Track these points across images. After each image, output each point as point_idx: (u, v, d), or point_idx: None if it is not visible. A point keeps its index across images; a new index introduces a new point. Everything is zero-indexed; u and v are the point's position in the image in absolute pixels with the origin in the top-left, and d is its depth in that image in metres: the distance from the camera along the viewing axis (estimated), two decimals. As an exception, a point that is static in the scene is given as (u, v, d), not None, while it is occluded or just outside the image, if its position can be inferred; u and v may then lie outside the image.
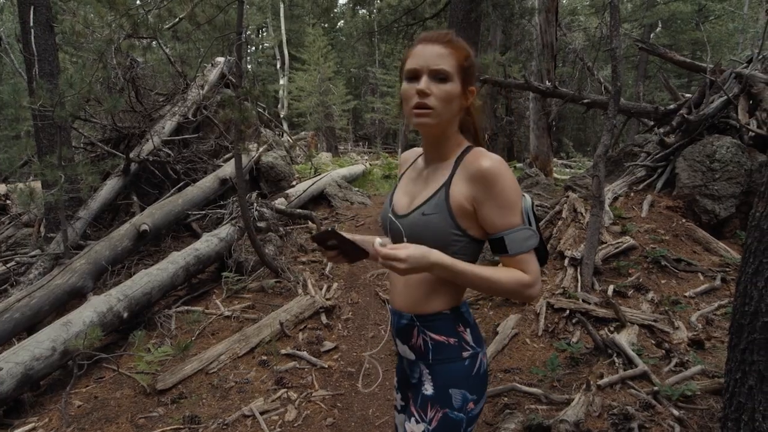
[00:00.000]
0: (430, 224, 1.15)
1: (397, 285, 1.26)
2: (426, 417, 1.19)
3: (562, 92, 7.76)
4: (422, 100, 1.12)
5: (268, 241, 5.42)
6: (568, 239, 4.54)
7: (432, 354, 1.21)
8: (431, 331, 1.21)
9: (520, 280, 1.11)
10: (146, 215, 5.09)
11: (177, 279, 4.38)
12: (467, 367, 1.19)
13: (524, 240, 1.11)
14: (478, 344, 1.23)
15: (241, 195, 4.21)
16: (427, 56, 1.13)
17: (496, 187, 1.10)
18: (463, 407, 1.18)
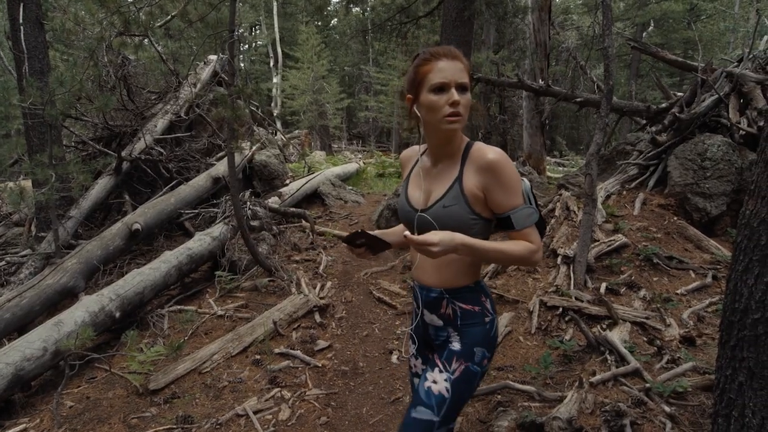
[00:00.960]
0: (452, 213, 1.38)
1: (426, 266, 1.50)
2: (450, 368, 1.43)
3: (555, 91, 7.78)
4: (456, 109, 1.35)
5: (261, 240, 5.40)
6: (561, 237, 4.56)
7: (460, 320, 1.47)
8: (460, 302, 1.46)
9: (528, 248, 1.35)
10: (138, 214, 5.06)
11: (170, 278, 4.36)
12: (488, 329, 1.46)
13: (527, 216, 1.36)
14: (494, 311, 1.50)
15: (233, 194, 4.19)
16: (453, 71, 1.35)
17: (502, 175, 1.34)
18: (481, 362, 1.45)
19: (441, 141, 1.44)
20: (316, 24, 30.47)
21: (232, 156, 4.10)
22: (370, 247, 1.43)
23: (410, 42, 15.36)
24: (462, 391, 1.42)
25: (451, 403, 1.40)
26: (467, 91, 1.37)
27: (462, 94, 1.36)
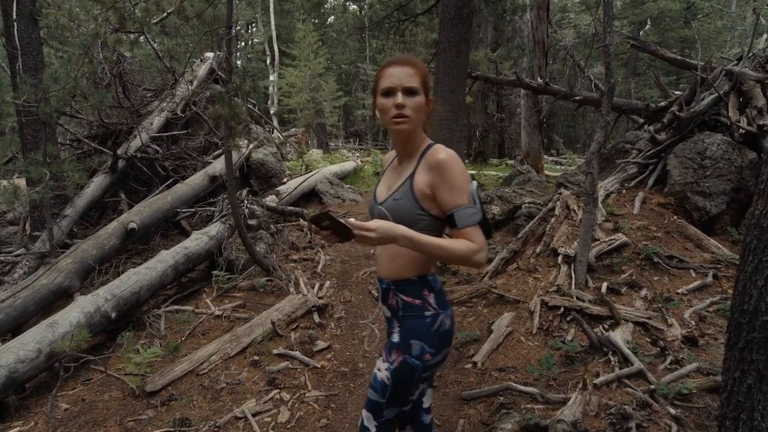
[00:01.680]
0: (400, 207, 1.45)
1: (381, 259, 1.58)
2: (390, 358, 1.52)
3: (554, 89, 7.76)
4: (400, 111, 1.44)
5: (258, 239, 5.35)
6: (561, 236, 4.53)
7: (402, 311, 1.53)
8: (402, 294, 1.52)
9: (469, 247, 1.37)
10: (134, 213, 5.00)
11: (166, 278, 4.31)
12: (428, 324, 1.49)
13: (470, 216, 1.39)
14: (440, 307, 1.52)
15: (231, 192, 4.14)
16: (400, 76, 1.44)
17: (448, 174, 1.39)
18: (421, 356, 1.48)
19: (397, 141, 1.54)
20: (313, 22, 30.34)
21: (230, 154, 4.05)
22: (336, 232, 1.42)
23: (408, 40, 15.31)
24: (402, 382, 1.50)
25: (393, 390, 1.51)
26: (416, 94, 1.45)
27: (409, 97, 1.44)
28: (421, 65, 1.49)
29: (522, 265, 4.41)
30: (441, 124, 7.30)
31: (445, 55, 7.15)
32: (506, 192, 5.55)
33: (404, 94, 1.44)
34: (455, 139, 7.33)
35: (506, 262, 4.45)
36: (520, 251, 4.59)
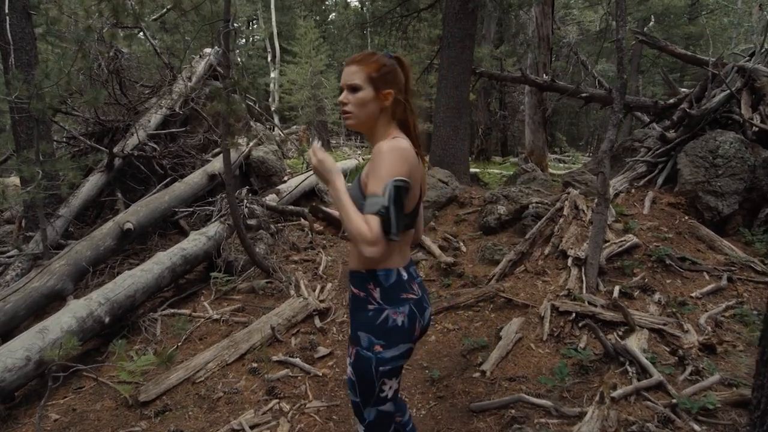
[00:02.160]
0: (352, 194, 1.47)
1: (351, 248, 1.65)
2: (349, 352, 1.59)
3: (560, 86, 7.61)
4: (343, 108, 1.55)
5: (258, 239, 5.21)
6: (570, 238, 4.39)
7: (351, 303, 1.63)
8: (352, 285, 1.60)
9: (362, 227, 1.35)
10: (131, 213, 4.86)
11: (162, 280, 4.17)
12: (371, 317, 1.51)
13: (374, 205, 1.37)
14: (387, 303, 1.52)
15: (229, 192, 4.00)
16: (345, 75, 1.54)
17: (377, 162, 1.41)
18: (371, 348, 1.50)
19: (363, 134, 1.65)
20: (314, 19, 30.13)
21: (228, 152, 3.91)
22: (331, 223, 1.57)
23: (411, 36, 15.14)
24: (362, 376, 1.52)
25: (360, 386, 1.54)
26: (357, 90, 1.51)
27: (351, 94, 1.52)
28: (371, 62, 1.52)
29: (530, 268, 4.27)
30: (445, 122, 7.16)
31: (449, 50, 7.00)
32: (512, 191, 5.40)
33: (348, 92, 1.52)
34: (459, 136, 7.19)
35: (513, 264, 4.31)
36: (528, 253, 4.45)
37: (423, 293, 1.60)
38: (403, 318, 1.51)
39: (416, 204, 1.57)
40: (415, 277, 1.61)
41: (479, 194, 6.65)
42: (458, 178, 6.80)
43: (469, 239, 5.21)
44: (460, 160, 7.17)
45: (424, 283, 1.79)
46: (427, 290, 1.67)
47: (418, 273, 1.66)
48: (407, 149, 1.45)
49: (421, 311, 1.56)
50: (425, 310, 1.59)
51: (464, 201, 6.20)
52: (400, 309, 1.51)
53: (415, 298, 1.55)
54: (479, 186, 7.47)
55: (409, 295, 1.54)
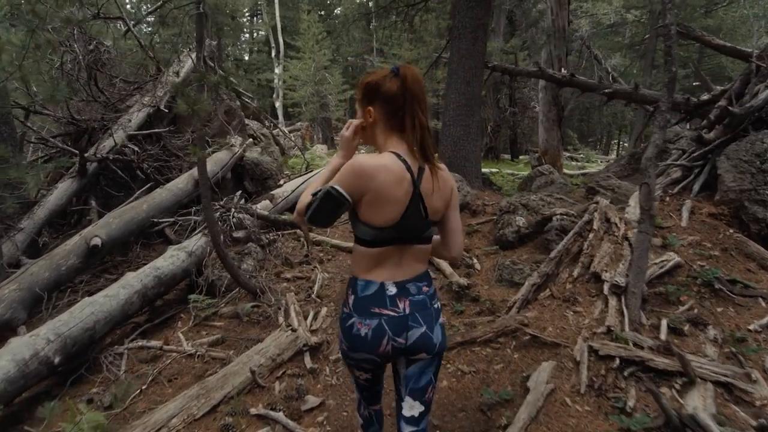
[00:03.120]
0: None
1: None
2: None
3: (581, 81, 6.97)
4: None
5: (246, 254, 4.64)
6: (604, 257, 3.77)
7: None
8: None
9: (303, 198, 1.53)
10: (101, 225, 4.30)
11: (130, 307, 3.61)
12: (342, 320, 1.62)
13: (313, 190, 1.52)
14: (356, 311, 1.57)
15: (206, 205, 3.43)
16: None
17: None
18: (341, 343, 1.65)
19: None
20: (319, 13, 29.49)
21: (204, 163, 3.33)
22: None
23: (418, 29, 14.50)
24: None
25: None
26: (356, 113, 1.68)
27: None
28: (359, 83, 1.62)
29: (557, 293, 3.67)
30: (454, 120, 6.55)
31: (459, 42, 6.38)
32: (532, 200, 4.79)
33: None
34: (470, 136, 6.58)
35: (537, 289, 3.71)
36: (554, 274, 3.85)
37: (414, 312, 1.57)
38: (368, 330, 1.54)
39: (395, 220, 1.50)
40: (412, 295, 1.59)
41: (493, 200, 6.04)
42: (469, 182, 6.19)
43: (484, 255, 4.61)
44: (472, 161, 6.56)
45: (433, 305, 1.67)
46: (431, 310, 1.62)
47: (426, 291, 1.62)
48: (362, 167, 1.45)
49: (399, 330, 1.55)
50: (409, 330, 1.56)
51: (477, 209, 5.59)
52: (367, 321, 1.54)
53: (393, 315, 1.55)
54: (492, 190, 6.85)
55: (384, 310, 1.55)
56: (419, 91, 1.49)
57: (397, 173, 1.46)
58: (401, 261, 1.57)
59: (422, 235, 1.58)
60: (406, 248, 1.56)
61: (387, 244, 1.54)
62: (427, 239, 1.61)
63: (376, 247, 1.53)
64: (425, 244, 1.61)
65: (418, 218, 1.53)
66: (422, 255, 1.62)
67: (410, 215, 1.50)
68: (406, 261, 1.57)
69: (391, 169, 1.45)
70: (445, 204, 1.60)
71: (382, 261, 1.55)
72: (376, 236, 1.52)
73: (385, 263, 1.55)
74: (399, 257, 1.56)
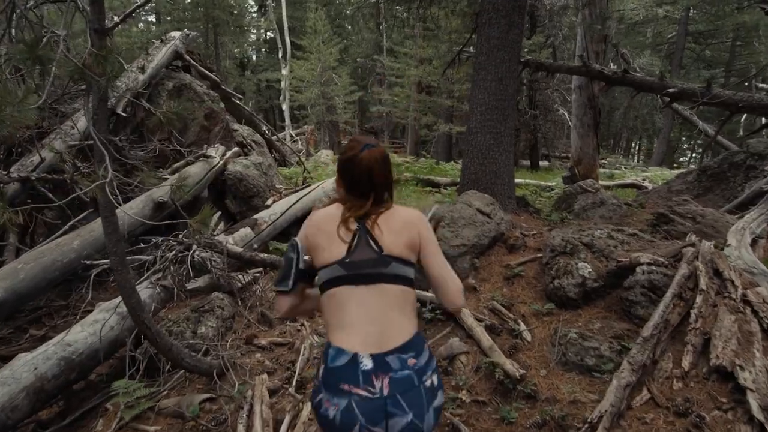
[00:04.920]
0: None
1: None
2: None
3: (636, 78, 5.66)
4: None
5: (207, 311, 3.40)
6: (729, 339, 2.47)
7: None
8: None
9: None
10: (2, 275, 3.09)
11: (12, 413, 2.38)
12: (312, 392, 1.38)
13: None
14: (324, 385, 1.32)
15: (115, 266, 2.20)
16: None
17: None
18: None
19: None
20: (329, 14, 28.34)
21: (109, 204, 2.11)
22: None
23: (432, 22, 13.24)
24: None
25: None
26: None
27: None
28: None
29: (661, 397, 2.38)
30: (483, 126, 5.27)
31: (489, 29, 5.11)
32: (597, 237, 3.50)
33: None
34: (503, 146, 5.30)
35: (632, 390, 2.42)
36: (651, 363, 2.56)
37: (395, 395, 1.24)
38: (335, 412, 1.26)
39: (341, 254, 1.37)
40: (394, 371, 1.27)
41: (533, 228, 4.75)
42: (502, 204, 4.91)
43: (534, 316, 3.32)
44: (504, 179, 5.27)
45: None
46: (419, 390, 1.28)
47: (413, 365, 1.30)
48: (310, 216, 1.50)
49: (375, 417, 1.22)
50: (390, 418, 1.23)
51: (515, 242, 4.29)
52: (335, 400, 1.28)
53: (367, 396, 1.25)
54: (528, 213, 5.55)
55: (356, 389, 1.26)
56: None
57: (336, 214, 1.42)
58: (373, 315, 1.33)
59: (382, 270, 1.36)
60: (371, 291, 1.35)
61: (340, 282, 1.35)
62: (395, 278, 1.37)
63: (330, 288, 1.36)
64: (395, 285, 1.37)
65: (369, 251, 1.38)
66: (398, 302, 1.37)
67: (358, 250, 1.38)
68: (380, 314, 1.34)
69: (331, 213, 1.44)
70: (407, 244, 1.41)
71: (349, 315, 1.34)
72: (325, 275, 1.37)
73: (354, 319, 1.33)
74: (367, 307, 1.33)
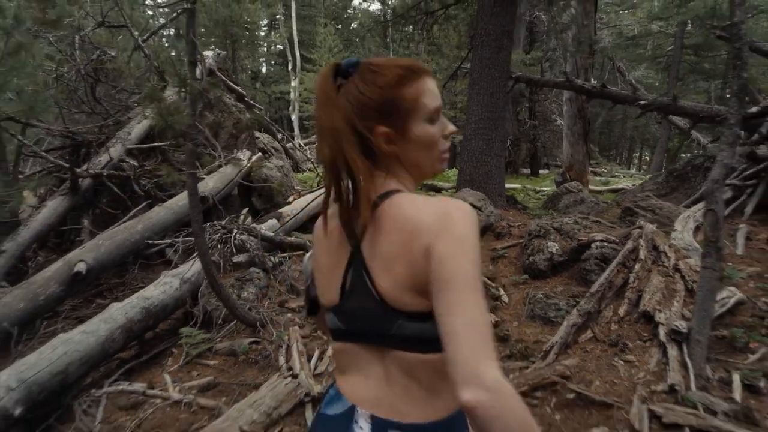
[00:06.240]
0: None
1: None
2: None
3: (612, 92, 6.46)
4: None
5: (247, 281, 4.21)
6: (654, 293, 3.25)
7: None
8: None
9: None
10: (88, 249, 3.92)
11: (112, 344, 3.19)
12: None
13: None
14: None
15: (196, 231, 3.01)
16: (438, 92, 0.98)
17: None
18: None
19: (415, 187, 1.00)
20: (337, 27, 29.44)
21: (193, 183, 2.93)
22: None
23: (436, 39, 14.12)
24: None
25: None
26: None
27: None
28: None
29: (601, 335, 3.15)
30: (476, 134, 6.09)
31: (482, 50, 5.95)
32: (566, 223, 4.29)
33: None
34: (494, 151, 6.11)
35: (578, 330, 3.20)
36: (596, 312, 3.33)
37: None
38: None
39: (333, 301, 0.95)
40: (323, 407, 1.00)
41: (519, 221, 5.55)
42: (492, 201, 5.71)
43: (512, 285, 4.11)
44: (495, 179, 6.08)
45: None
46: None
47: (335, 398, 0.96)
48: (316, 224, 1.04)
49: None
50: None
51: (502, 231, 5.10)
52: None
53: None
54: (516, 209, 6.35)
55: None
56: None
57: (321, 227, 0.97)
58: (384, 376, 0.90)
59: (384, 330, 0.87)
60: (375, 353, 0.91)
61: (340, 337, 0.97)
62: (403, 341, 0.86)
63: (335, 341, 0.99)
64: (405, 352, 0.87)
65: (368, 299, 0.88)
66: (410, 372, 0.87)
67: (353, 294, 0.91)
68: (390, 378, 0.89)
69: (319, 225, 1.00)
70: (407, 274, 0.83)
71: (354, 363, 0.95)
72: (328, 321, 0.99)
73: (362, 369, 0.94)
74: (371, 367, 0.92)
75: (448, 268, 0.77)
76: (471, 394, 0.69)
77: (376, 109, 0.90)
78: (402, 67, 0.93)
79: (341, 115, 0.89)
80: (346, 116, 0.89)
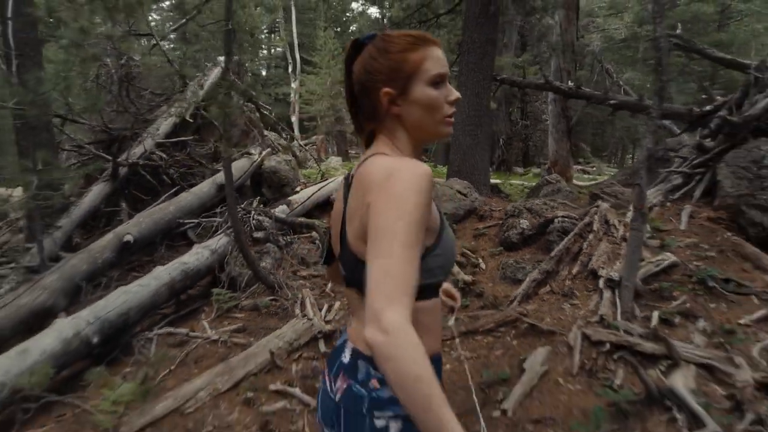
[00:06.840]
0: None
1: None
2: None
3: (586, 93, 7.21)
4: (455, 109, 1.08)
5: (265, 253, 4.94)
6: (601, 256, 4.00)
7: None
8: None
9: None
10: (132, 225, 4.65)
11: (160, 297, 3.92)
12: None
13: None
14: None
15: (230, 204, 3.74)
16: (445, 62, 1.08)
17: None
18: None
19: (420, 152, 1.13)
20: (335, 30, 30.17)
21: (229, 163, 3.66)
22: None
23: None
24: None
25: None
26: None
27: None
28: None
29: (556, 288, 3.89)
30: (464, 130, 6.83)
31: (468, 56, 6.70)
32: (535, 204, 5.03)
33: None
34: (479, 146, 6.85)
35: (538, 284, 3.94)
36: (554, 272, 4.07)
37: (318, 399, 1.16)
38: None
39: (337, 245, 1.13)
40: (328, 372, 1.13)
41: (500, 206, 6.28)
42: (478, 190, 6.45)
43: (489, 255, 4.85)
44: (480, 170, 6.82)
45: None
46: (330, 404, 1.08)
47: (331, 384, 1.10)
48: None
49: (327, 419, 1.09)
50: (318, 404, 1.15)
51: (484, 214, 5.84)
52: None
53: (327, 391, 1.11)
54: (500, 198, 7.10)
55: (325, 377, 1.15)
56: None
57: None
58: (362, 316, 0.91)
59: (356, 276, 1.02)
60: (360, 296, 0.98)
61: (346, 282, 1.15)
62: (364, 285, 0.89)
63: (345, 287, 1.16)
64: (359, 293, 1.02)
65: (345, 248, 1.06)
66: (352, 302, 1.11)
67: (343, 243, 1.06)
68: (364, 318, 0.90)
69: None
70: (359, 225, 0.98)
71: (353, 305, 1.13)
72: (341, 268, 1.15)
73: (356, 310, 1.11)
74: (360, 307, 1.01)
75: (376, 221, 0.87)
76: (370, 334, 0.78)
77: (383, 72, 1.03)
78: (411, 35, 1.06)
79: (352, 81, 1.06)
80: (355, 80, 1.05)
